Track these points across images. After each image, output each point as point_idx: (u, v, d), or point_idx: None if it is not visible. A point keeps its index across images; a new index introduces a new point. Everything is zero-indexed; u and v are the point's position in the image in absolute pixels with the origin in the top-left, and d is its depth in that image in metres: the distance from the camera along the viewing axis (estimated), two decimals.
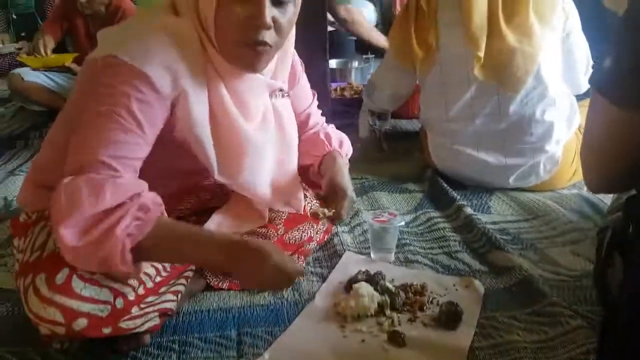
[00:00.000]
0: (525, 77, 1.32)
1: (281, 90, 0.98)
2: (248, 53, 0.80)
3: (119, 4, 2.38)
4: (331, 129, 1.18)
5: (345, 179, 1.01)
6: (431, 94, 1.49)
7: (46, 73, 2.44)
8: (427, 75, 1.47)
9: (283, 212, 1.11)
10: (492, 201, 1.43)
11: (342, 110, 2.30)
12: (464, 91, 1.40)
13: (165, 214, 0.76)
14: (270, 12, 0.77)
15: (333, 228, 1.25)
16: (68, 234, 0.66)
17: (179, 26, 0.79)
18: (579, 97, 1.47)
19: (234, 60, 0.82)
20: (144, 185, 0.75)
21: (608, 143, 0.81)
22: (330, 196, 0.98)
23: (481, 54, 1.32)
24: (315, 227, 1.15)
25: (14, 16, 3.70)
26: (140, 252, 0.70)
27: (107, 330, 0.74)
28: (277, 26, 0.79)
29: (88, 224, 0.67)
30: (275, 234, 1.07)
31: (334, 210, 0.94)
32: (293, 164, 1.05)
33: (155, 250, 0.73)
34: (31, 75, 2.40)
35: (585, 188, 1.43)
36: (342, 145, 1.14)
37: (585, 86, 1.48)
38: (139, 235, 0.69)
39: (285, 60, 0.96)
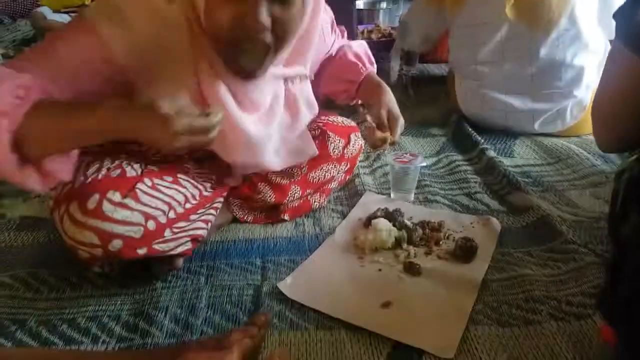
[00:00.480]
0: (558, 18, 1.28)
1: (295, 74, 0.95)
2: (241, 59, 0.76)
3: None
4: (354, 43, 1.17)
5: (394, 103, 1.05)
6: (461, 35, 1.46)
7: (70, 13, 2.47)
8: (457, 15, 1.43)
9: None
10: (516, 145, 1.42)
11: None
12: (494, 33, 1.36)
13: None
14: (266, 9, 0.70)
15: (355, 169, 1.27)
16: None
17: (169, 8, 0.77)
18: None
19: (227, 65, 0.79)
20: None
21: (629, 98, 0.77)
22: (384, 121, 1.01)
23: None
24: (337, 167, 1.17)
25: None
26: (25, 142, 0.66)
27: (141, 251, 0.80)
28: (277, 25, 0.73)
29: None
30: (300, 173, 1.11)
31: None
32: (300, 131, 1.03)
33: (38, 130, 0.66)
34: (54, 15, 2.44)
35: None
36: (372, 62, 1.15)
37: None
38: (18, 115, 0.64)
39: (306, 44, 0.92)
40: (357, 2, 2.42)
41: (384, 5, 2.54)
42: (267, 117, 0.94)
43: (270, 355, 0.58)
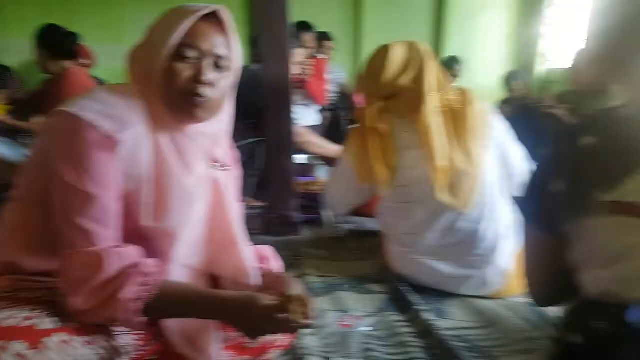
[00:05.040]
0: (473, 197, 1.45)
1: (219, 162, 1.05)
2: (191, 102, 0.91)
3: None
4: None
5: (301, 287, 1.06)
6: (390, 209, 1.60)
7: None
8: (388, 194, 1.56)
9: None
10: (449, 306, 1.50)
11: (308, 205, 2.39)
12: (419, 208, 1.51)
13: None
14: (211, 74, 0.92)
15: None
16: (78, 301, 0.81)
17: (124, 87, 0.92)
18: None
19: (179, 109, 0.92)
20: (140, 250, 0.87)
21: (538, 261, 1.00)
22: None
23: (441, 175, 1.44)
24: None
25: None
26: (149, 311, 0.84)
27: None
28: (215, 84, 0.93)
29: (94, 292, 0.81)
30: (234, 337, 1.05)
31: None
32: (234, 237, 1.05)
33: (163, 310, 0.88)
34: None
35: None
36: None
37: None
38: (145, 298, 0.83)
39: (221, 135, 1.04)
40: (298, 157, 2.63)
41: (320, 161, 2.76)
42: (196, 183, 0.97)
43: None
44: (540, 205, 0.97)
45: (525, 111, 3.49)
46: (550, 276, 1.00)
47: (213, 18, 0.93)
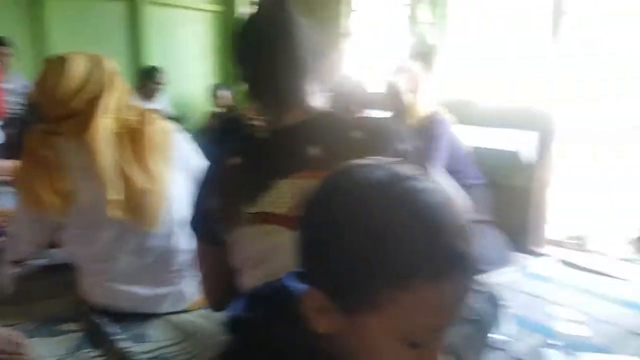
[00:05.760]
0: (158, 214, 1.46)
1: None
2: None
3: None
4: None
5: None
6: (74, 237, 1.51)
7: None
8: (66, 219, 1.47)
9: None
10: (148, 329, 1.52)
11: None
12: (104, 232, 1.46)
13: None
14: None
15: None
16: None
17: None
18: None
19: None
20: None
21: (208, 271, 1.15)
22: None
23: (114, 196, 1.39)
24: None
25: None
26: None
27: None
28: None
29: None
30: None
31: None
32: None
33: None
34: None
35: None
36: None
37: None
38: None
39: None
40: None
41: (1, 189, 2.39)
42: None
43: None
44: (202, 220, 1.09)
45: (228, 122, 3.79)
46: (220, 283, 1.14)
47: None
